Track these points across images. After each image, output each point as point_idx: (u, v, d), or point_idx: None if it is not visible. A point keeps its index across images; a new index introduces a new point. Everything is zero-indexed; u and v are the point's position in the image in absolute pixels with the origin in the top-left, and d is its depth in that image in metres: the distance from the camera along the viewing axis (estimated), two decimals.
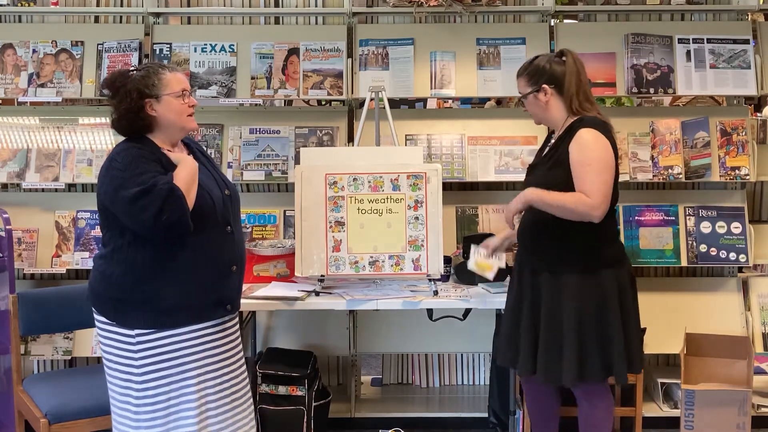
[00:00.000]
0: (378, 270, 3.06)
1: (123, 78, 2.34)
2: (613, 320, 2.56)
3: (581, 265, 2.57)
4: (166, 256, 2.29)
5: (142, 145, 2.33)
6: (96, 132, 3.64)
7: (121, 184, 2.22)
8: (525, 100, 2.71)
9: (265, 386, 3.28)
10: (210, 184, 2.43)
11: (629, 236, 3.58)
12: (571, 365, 2.53)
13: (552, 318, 2.58)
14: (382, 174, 3.08)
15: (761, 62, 3.62)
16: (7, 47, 3.67)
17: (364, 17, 3.75)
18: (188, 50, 3.66)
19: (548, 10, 3.67)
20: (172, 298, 2.30)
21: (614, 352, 2.55)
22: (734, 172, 3.54)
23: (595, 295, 2.56)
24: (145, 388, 2.31)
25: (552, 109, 2.66)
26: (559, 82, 2.63)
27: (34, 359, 3.68)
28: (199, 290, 2.34)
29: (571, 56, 2.65)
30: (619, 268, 2.63)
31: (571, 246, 2.58)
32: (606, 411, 2.70)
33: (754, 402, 3.37)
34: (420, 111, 4.67)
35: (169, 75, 2.37)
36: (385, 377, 3.93)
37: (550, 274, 2.60)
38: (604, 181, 2.50)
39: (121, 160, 2.27)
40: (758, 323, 3.61)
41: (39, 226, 3.62)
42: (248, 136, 3.64)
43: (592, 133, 2.54)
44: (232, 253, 2.43)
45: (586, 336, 2.54)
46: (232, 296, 2.45)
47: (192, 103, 2.42)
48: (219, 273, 2.39)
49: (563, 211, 2.52)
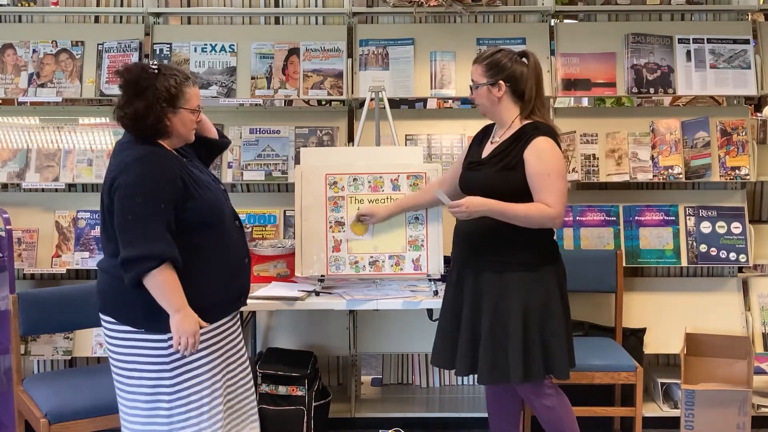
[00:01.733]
0: (378, 270, 3.06)
1: (149, 77, 2.30)
2: (556, 315, 2.58)
3: (525, 262, 2.58)
4: (194, 256, 2.31)
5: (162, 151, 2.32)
6: (96, 132, 3.64)
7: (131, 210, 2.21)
8: (476, 90, 2.65)
9: (265, 386, 3.28)
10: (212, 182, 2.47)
11: (629, 236, 3.59)
12: (516, 364, 2.53)
13: (496, 316, 2.56)
14: (382, 174, 3.08)
15: (761, 62, 3.62)
16: (7, 47, 3.67)
17: (364, 17, 3.75)
18: (188, 50, 3.66)
19: (548, 10, 3.67)
20: (201, 298, 2.32)
21: (556, 350, 2.57)
22: (734, 172, 3.54)
23: (539, 291, 2.57)
24: (178, 390, 2.33)
25: (502, 107, 2.63)
26: (516, 82, 2.60)
27: (34, 359, 3.68)
28: (224, 286, 2.40)
29: (533, 59, 2.63)
30: (557, 265, 2.65)
31: (515, 245, 2.58)
32: (561, 408, 2.70)
33: (754, 402, 3.37)
34: (420, 111, 4.66)
35: (192, 89, 2.38)
36: (385, 377, 3.93)
37: (494, 273, 2.58)
38: (562, 190, 2.54)
39: (139, 171, 2.23)
40: (758, 323, 3.61)
41: (39, 226, 3.62)
42: (248, 136, 3.64)
43: (548, 142, 2.55)
44: (244, 246, 2.52)
45: (531, 333, 2.54)
46: (247, 288, 2.55)
47: (200, 119, 2.45)
48: (238, 266, 2.46)
49: (526, 223, 2.54)
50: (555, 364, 2.58)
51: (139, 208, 2.21)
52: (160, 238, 2.22)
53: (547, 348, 2.57)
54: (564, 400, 2.73)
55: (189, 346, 2.27)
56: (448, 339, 2.69)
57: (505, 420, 2.85)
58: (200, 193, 2.33)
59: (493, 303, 2.57)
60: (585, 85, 3.63)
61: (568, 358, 2.62)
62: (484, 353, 2.57)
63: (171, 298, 2.24)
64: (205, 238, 2.34)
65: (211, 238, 2.35)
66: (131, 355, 2.33)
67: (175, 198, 2.26)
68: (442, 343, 2.73)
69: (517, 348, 2.53)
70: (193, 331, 2.26)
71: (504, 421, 2.85)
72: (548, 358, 2.57)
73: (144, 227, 2.21)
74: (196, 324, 2.28)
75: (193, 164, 2.46)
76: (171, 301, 2.24)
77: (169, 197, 2.25)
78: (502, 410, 2.84)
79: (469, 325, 2.61)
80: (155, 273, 2.21)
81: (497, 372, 2.56)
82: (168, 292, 2.23)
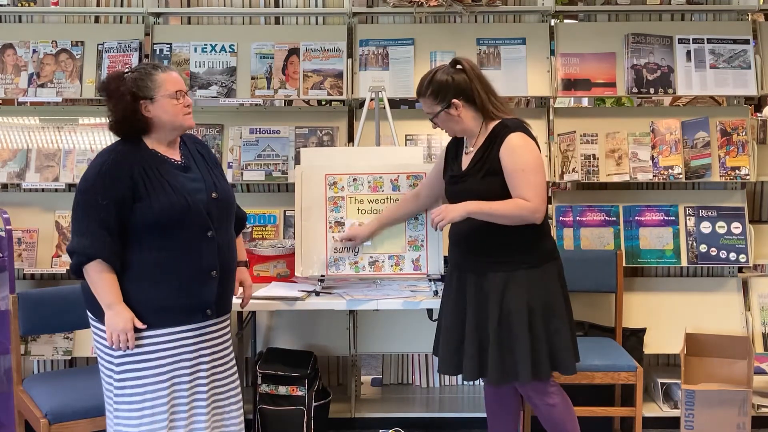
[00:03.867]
0: (378, 270, 3.06)
1: (117, 81, 2.35)
2: (559, 311, 2.58)
3: (526, 260, 2.58)
4: (141, 257, 2.32)
5: (122, 150, 2.35)
6: (96, 132, 3.64)
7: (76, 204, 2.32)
8: (436, 119, 2.65)
9: (265, 386, 3.28)
10: (194, 187, 2.39)
11: (629, 236, 3.59)
12: (525, 363, 2.52)
13: (501, 316, 2.55)
14: (381, 174, 3.08)
15: (761, 62, 3.62)
16: (7, 47, 3.67)
17: (364, 17, 3.75)
18: (188, 50, 3.66)
19: (548, 10, 3.67)
20: (146, 300, 2.32)
21: (562, 346, 2.57)
22: (734, 172, 3.54)
23: (541, 288, 2.57)
24: (122, 386, 2.35)
25: (466, 120, 2.62)
26: (466, 93, 2.59)
27: (34, 359, 3.68)
28: (174, 294, 2.35)
29: (466, 62, 2.61)
30: (557, 262, 2.66)
31: (515, 244, 2.57)
32: (563, 406, 2.69)
33: (754, 402, 3.37)
34: (420, 111, 4.58)
35: (162, 76, 2.36)
36: (385, 377, 3.93)
37: (496, 273, 2.58)
38: (538, 183, 2.52)
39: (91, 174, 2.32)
40: (758, 323, 3.61)
41: (39, 226, 3.62)
42: (248, 136, 3.64)
43: (520, 137, 2.54)
44: (212, 259, 2.39)
45: (537, 331, 2.54)
46: (211, 301, 2.42)
47: (187, 102, 2.41)
48: (195, 278, 2.38)
49: (506, 220, 2.53)
50: (561, 361, 2.58)
51: (81, 203, 2.31)
52: (91, 235, 2.27)
53: (552, 345, 2.57)
54: (566, 399, 2.72)
55: (122, 342, 2.29)
56: (453, 344, 2.66)
57: (505, 420, 2.85)
58: (152, 195, 2.30)
59: (497, 304, 2.56)
60: (585, 85, 3.63)
61: (573, 353, 2.62)
62: (492, 354, 2.56)
63: (100, 294, 2.30)
64: (154, 242, 2.32)
65: (162, 243, 2.32)
66: (96, 342, 2.43)
67: (119, 196, 2.27)
68: (447, 349, 2.68)
69: (524, 347, 2.53)
70: (123, 328, 2.28)
71: (505, 421, 2.84)
72: (554, 355, 2.57)
73: (80, 223, 2.31)
74: (128, 322, 2.28)
75: (184, 166, 2.42)
76: (101, 296, 2.30)
77: (110, 195, 2.27)
78: (502, 410, 2.83)
79: (475, 328, 2.60)
80: (86, 268, 2.29)
81: (506, 372, 2.56)
82: (97, 288, 2.30)
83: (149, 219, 2.30)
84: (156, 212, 2.30)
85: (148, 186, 2.31)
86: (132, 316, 2.30)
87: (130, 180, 2.29)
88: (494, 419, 2.86)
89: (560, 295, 2.62)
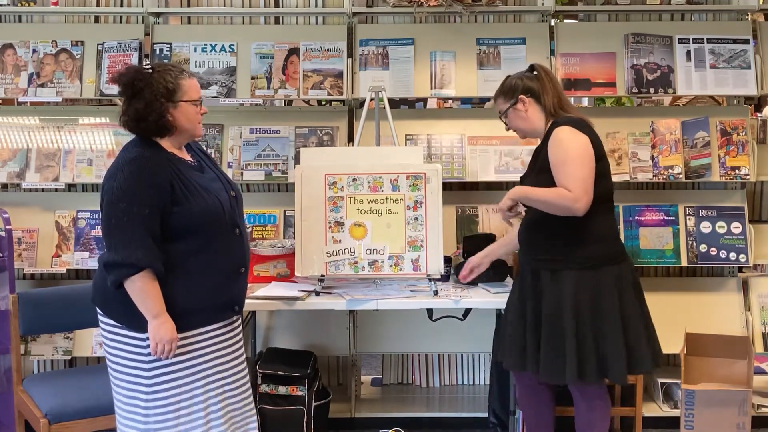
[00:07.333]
0: (377, 270, 3.06)
1: (144, 78, 2.31)
2: (609, 317, 2.56)
3: (579, 262, 2.58)
4: (178, 261, 2.30)
5: (152, 155, 2.31)
6: (96, 132, 3.64)
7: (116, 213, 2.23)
8: (506, 119, 2.76)
9: (265, 386, 3.28)
10: (217, 187, 2.43)
11: (629, 236, 3.58)
12: (571, 364, 2.54)
13: (552, 316, 2.58)
14: (381, 174, 3.08)
15: (761, 62, 3.62)
16: (7, 47, 3.67)
17: (364, 17, 3.75)
18: (188, 50, 3.66)
19: (548, 10, 3.67)
20: (183, 302, 2.31)
21: (610, 352, 2.55)
22: (734, 172, 3.54)
23: (591, 291, 2.56)
24: (155, 390, 2.33)
25: (533, 118, 2.71)
26: (534, 92, 2.69)
27: (34, 359, 3.68)
28: (210, 293, 2.36)
29: (541, 68, 2.73)
30: (618, 266, 2.63)
31: (568, 243, 2.59)
32: (603, 412, 2.70)
33: (754, 402, 3.37)
34: (420, 111, 4.66)
35: (189, 81, 2.38)
36: (385, 377, 3.93)
37: (549, 272, 2.61)
38: (582, 174, 2.52)
39: (126, 175, 2.25)
40: (758, 323, 3.61)
41: (39, 226, 3.62)
42: (248, 136, 3.64)
43: (565, 130, 2.58)
44: (241, 255, 2.46)
45: (584, 334, 2.55)
46: (241, 297, 2.49)
47: (204, 111, 2.44)
48: (229, 275, 2.42)
49: (547, 206, 2.56)
50: (609, 367, 2.55)
51: (121, 213, 2.22)
52: (140, 245, 2.22)
53: (600, 350, 2.55)
54: (608, 407, 2.73)
55: (166, 351, 2.28)
56: (516, 341, 2.70)
57: (541, 414, 2.86)
58: (191, 198, 2.31)
59: (549, 303, 2.59)
60: (585, 85, 3.63)
61: (626, 361, 2.55)
62: (544, 352, 2.59)
63: (148, 305, 2.26)
64: (192, 244, 2.32)
65: (199, 245, 2.32)
66: (116, 348, 2.37)
67: (161, 203, 2.26)
68: (511, 345, 2.72)
69: (571, 347, 2.54)
70: (169, 338, 2.27)
71: (540, 414, 2.86)
72: (602, 361, 2.55)
73: (124, 233, 2.23)
74: (173, 331, 2.28)
75: (199, 166, 2.45)
76: (148, 307, 2.26)
77: (153, 202, 2.24)
78: (540, 403, 2.85)
79: (534, 326, 2.64)
80: (133, 279, 2.23)
81: (555, 371, 2.58)
82: (145, 298, 2.25)
83: (186, 222, 2.30)
84: (195, 215, 2.31)
85: (185, 190, 2.31)
86: (174, 325, 2.29)
87: (169, 186, 2.28)
88: (530, 413, 2.88)
89: (614, 299, 2.57)
